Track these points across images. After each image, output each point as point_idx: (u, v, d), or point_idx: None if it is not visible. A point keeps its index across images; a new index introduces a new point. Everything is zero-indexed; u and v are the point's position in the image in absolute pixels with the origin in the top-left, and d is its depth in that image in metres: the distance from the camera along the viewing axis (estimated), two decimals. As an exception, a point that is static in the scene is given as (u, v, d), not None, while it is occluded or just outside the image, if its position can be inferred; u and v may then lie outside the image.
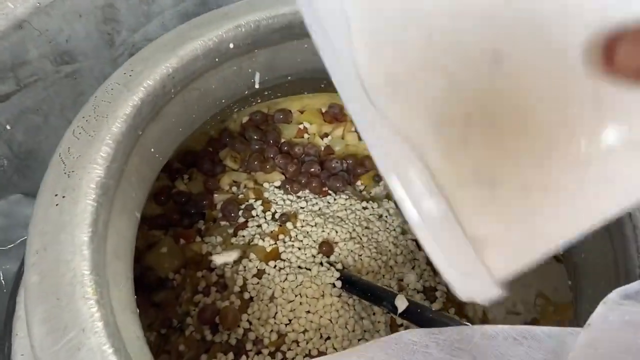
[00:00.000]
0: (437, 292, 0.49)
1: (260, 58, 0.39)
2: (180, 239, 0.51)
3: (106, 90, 0.33)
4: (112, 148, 0.31)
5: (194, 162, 0.59)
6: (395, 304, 0.39)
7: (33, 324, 0.26)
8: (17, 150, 0.55)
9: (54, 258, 0.28)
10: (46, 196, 0.30)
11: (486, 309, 0.51)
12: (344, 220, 0.52)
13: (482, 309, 0.51)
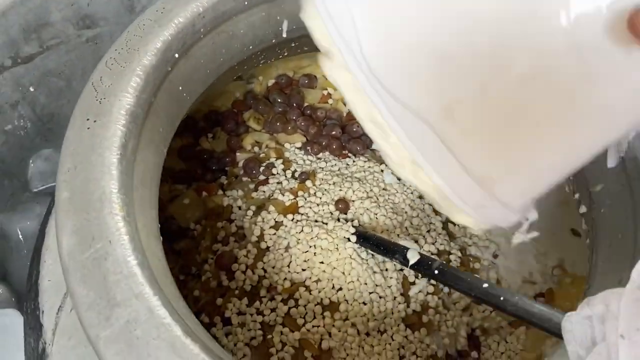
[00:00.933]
0: (452, 256, 0.50)
1: (288, 6, 0.40)
2: (203, 192, 0.53)
3: (138, 25, 0.34)
4: (142, 79, 0.32)
5: (218, 121, 0.60)
6: (406, 257, 0.40)
7: (63, 236, 0.28)
8: (40, 113, 0.57)
9: (84, 176, 0.29)
10: (79, 120, 0.31)
11: (500, 277, 0.51)
12: (362, 180, 0.52)
13: (495, 276, 0.51)
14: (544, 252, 0.52)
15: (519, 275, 0.51)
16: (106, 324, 0.26)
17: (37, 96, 0.55)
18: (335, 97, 0.63)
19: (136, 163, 0.32)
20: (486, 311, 0.47)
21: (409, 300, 0.46)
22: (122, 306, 0.26)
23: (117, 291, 0.26)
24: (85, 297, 0.26)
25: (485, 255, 0.51)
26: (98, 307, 0.26)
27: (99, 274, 0.26)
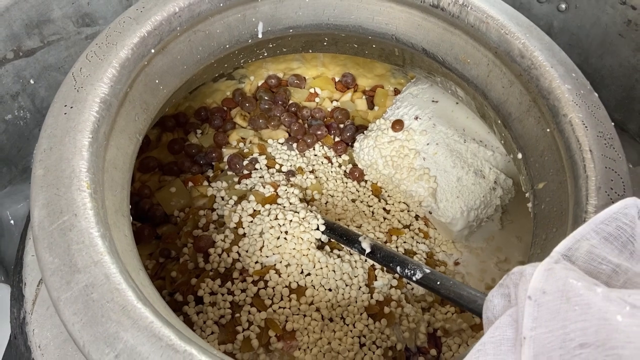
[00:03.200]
0: (417, 256, 0.52)
1: (264, 8, 0.43)
2: (189, 182, 0.56)
3: (119, 22, 0.37)
4: (117, 71, 0.35)
5: (207, 118, 0.64)
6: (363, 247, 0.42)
7: (34, 208, 0.31)
8: (40, 106, 0.61)
9: (57, 156, 0.32)
10: (57, 106, 0.34)
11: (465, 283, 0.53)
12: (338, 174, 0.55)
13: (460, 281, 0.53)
14: (504, 259, 0.54)
15: (482, 282, 0.53)
16: (67, 288, 0.28)
17: (37, 89, 0.59)
18: (321, 97, 0.66)
19: (108, 147, 0.35)
20: (448, 313, 0.49)
21: (373, 290, 0.48)
22: (82, 272, 0.29)
23: (79, 259, 0.29)
24: (50, 263, 0.29)
25: (450, 261, 0.53)
26: (61, 273, 0.29)
27: (63, 243, 0.29)
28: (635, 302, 0.23)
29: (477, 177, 0.53)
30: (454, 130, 0.55)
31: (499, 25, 0.39)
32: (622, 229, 0.30)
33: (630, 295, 0.23)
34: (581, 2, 0.59)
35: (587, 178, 0.33)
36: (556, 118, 0.36)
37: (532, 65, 0.38)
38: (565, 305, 0.24)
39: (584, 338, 0.23)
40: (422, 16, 0.43)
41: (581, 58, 0.63)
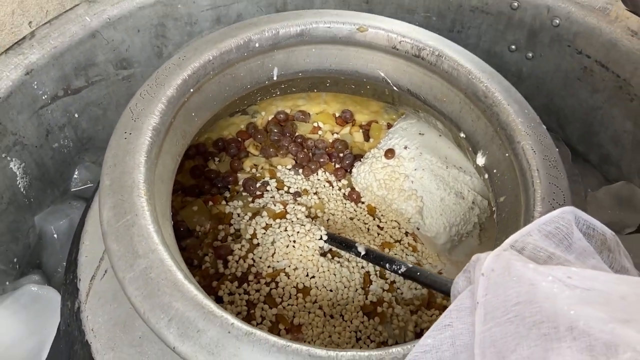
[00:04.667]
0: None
1: (278, 56, 0.53)
2: (209, 202, 0.64)
3: (165, 67, 0.47)
4: (165, 106, 0.45)
5: (224, 147, 0.73)
6: (358, 250, 0.51)
7: (104, 210, 0.39)
8: (81, 136, 0.70)
9: (120, 171, 0.41)
10: (118, 132, 0.43)
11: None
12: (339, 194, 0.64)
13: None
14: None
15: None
16: (130, 269, 0.37)
17: (79, 122, 0.68)
18: (324, 130, 0.75)
19: (158, 165, 0.44)
20: (434, 316, 0.57)
21: (367, 292, 0.56)
22: (142, 257, 0.37)
23: (139, 247, 0.37)
24: (117, 251, 0.38)
25: (434, 271, 0.62)
26: (125, 258, 0.37)
27: (127, 236, 0.38)
28: (555, 274, 0.32)
29: (457, 198, 0.62)
30: (438, 158, 0.64)
31: (467, 72, 0.49)
32: (559, 229, 0.39)
33: (553, 269, 0.32)
34: (545, 51, 0.69)
35: (535, 191, 0.42)
36: (512, 145, 0.46)
37: (493, 103, 0.48)
38: (507, 277, 0.33)
39: (518, 298, 0.31)
40: (407, 63, 0.53)
41: (547, 99, 0.73)
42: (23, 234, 0.63)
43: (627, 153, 0.65)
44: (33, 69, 0.59)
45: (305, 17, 0.53)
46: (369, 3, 0.75)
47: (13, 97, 0.58)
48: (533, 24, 0.67)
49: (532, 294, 0.31)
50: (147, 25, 0.68)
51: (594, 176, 0.70)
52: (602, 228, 0.39)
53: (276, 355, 0.34)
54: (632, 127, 0.63)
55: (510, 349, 0.30)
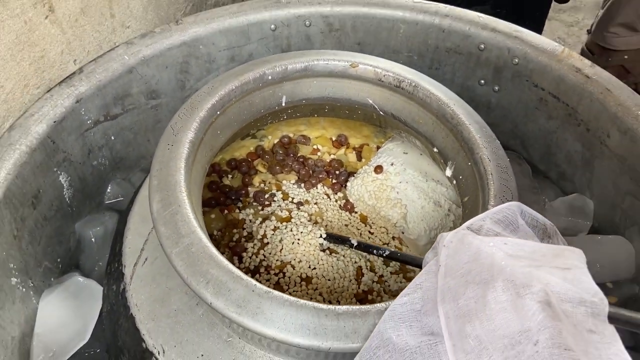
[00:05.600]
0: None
1: (286, 87, 0.65)
2: (225, 210, 0.76)
3: (198, 94, 0.59)
4: (198, 124, 0.57)
5: (236, 166, 0.85)
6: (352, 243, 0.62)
7: (153, 203, 0.51)
8: (115, 156, 0.82)
9: (165, 173, 0.52)
10: (162, 145, 0.55)
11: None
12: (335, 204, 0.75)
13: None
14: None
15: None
16: (176, 246, 0.48)
17: (115, 144, 0.80)
18: (322, 151, 0.87)
19: (192, 170, 0.55)
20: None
21: (360, 283, 0.67)
22: (185, 237, 0.48)
23: (182, 229, 0.49)
24: (165, 233, 0.49)
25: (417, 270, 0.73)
26: (172, 237, 0.48)
27: (172, 221, 0.49)
28: (495, 242, 0.43)
29: (435, 206, 0.74)
30: (419, 173, 0.76)
31: (437, 99, 0.61)
32: (507, 217, 0.50)
33: (494, 239, 0.43)
34: (508, 85, 0.82)
35: (489, 190, 0.54)
36: (473, 155, 0.58)
37: (458, 123, 0.60)
38: (461, 246, 0.44)
39: (468, 259, 0.43)
40: (390, 93, 0.66)
41: (513, 125, 0.86)
42: (66, 238, 0.73)
43: (578, 170, 0.78)
44: (81, 98, 0.71)
45: (309, 55, 0.65)
46: (360, 45, 0.89)
47: (65, 121, 0.69)
48: (497, 62, 0.81)
49: (477, 255, 0.42)
50: (173, 63, 0.81)
51: (552, 190, 0.81)
52: (544, 220, 0.51)
53: (288, 308, 0.45)
54: (581, 148, 0.76)
55: (461, 292, 0.41)
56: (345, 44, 0.88)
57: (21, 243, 0.64)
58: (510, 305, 0.38)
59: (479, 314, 0.39)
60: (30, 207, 0.65)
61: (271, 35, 0.86)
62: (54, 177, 0.70)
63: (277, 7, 0.84)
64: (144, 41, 0.77)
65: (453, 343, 0.40)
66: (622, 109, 0.68)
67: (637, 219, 0.69)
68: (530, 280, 0.38)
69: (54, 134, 0.68)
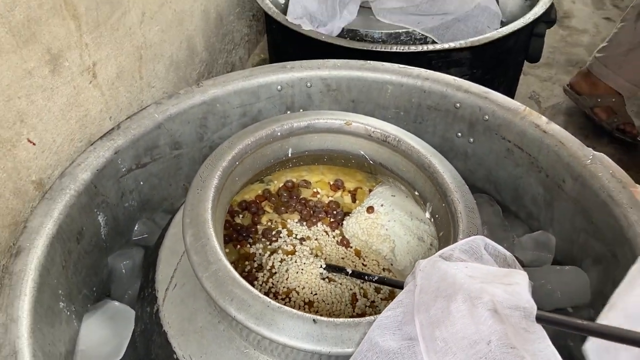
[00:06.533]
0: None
1: (292, 141, 0.78)
2: (237, 245, 0.88)
3: (221, 148, 0.72)
4: (221, 172, 0.69)
5: (246, 207, 0.97)
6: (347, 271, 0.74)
7: (187, 237, 0.63)
8: (142, 198, 0.95)
9: (195, 213, 0.65)
10: (193, 189, 0.67)
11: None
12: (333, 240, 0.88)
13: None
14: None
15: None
16: (206, 271, 0.60)
17: (143, 188, 0.93)
18: (321, 194, 1.00)
19: (216, 211, 0.68)
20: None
21: (355, 307, 0.78)
22: (213, 264, 0.60)
23: (211, 258, 0.60)
24: (197, 260, 0.60)
25: None
26: (202, 264, 0.60)
27: (203, 251, 0.61)
28: (459, 266, 0.55)
29: (419, 241, 0.86)
30: (405, 212, 0.88)
31: (417, 151, 0.75)
32: (472, 248, 0.62)
33: (458, 264, 0.55)
34: (481, 138, 0.96)
35: (459, 227, 0.66)
36: (446, 198, 0.70)
37: (434, 171, 0.73)
38: (433, 269, 0.56)
39: (438, 279, 0.54)
40: (379, 145, 0.79)
41: (487, 171, 0.99)
42: (100, 270, 0.85)
43: (542, 210, 0.90)
44: (119, 150, 0.84)
45: (311, 115, 0.79)
46: (354, 102, 1.03)
47: (105, 169, 0.82)
48: (471, 118, 0.95)
49: (444, 275, 0.54)
50: (194, 119, 0.94)
51: (521, 227, 0.94)
52: (504, 251, 0.63)
53: (296, 320, 0.56)
54: (543, 191, 0.89)
55: (432, 305, 0.53)
56: (341, 102, 1.03)
57: (67, 273, 0.75)
58: (468, 313, 0.50)
59: (445, 321, 0.51)
60: (75, 242, 0.77)
61: (277, 95, 1.00)
62: (94, 217, 0.82)
63: (282, 71, 0.98)
64: (170, 101, 0.91)
65: (426, 345, 0.52)
66: (573, 159, 0.81)
67: (590, 252, 0.81)
68: (481, 293, 0.50)
69: (96, 180, 0.81)
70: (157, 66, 1.06)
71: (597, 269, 0.79)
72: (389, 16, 1.19)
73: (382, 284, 0.70)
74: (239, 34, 1.56)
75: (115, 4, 0.89)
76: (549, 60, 1.77)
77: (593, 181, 0.77)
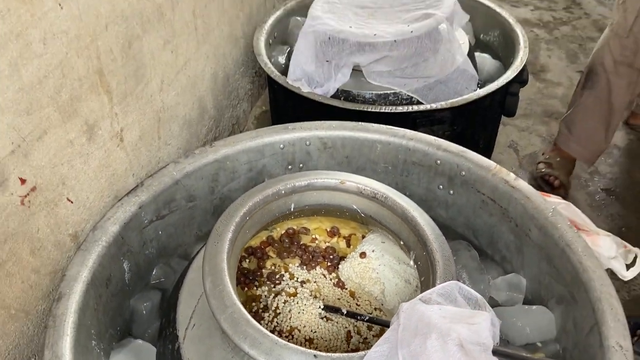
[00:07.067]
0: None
1: (294, 197, 0.91)
2: (245, 288, 0.99)
3: (234, 205, 0.84)
4: (235, 226, 0.82)
5: (252, 252, 1.09)
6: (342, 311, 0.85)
7: (206, 283, 0.74)
8: (160, 246, 1.07)
9: (214, 263, 0.76)
10: (211, 242, 0.79)
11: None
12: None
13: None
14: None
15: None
16: (223, 313, 0.71)
17: (161, 237, 1.05)
18: (319, 240, 1.12)
19: (231, 259, 0.80)
20: None
21: (349, 343, 0.89)
22: (229, 307, 0.71)
23: (227, 302, 0.72)
24: (215, 304, 0.72)
25: None
26: (220, 307, 0.71)
27: (220, 296, 0.73)
28: (434, 308, 0.66)
29: (406, 284, 0.97)
30: (394, 257, 1.00)
31: (401, 207, 0.87)
32: (447, 292, 0.74)
33: (434, 306, 0.67)
34: (459, 190, 1.09)
35: (437, 273, 0.78)
36: (426, 247, 0.82)
37: (416, 224, 0.85)
38: (413, 311, 0.67)
39: (416, 319, 0.66)
40: (369, 201, 0.92)
41: (466, 219, 1.11)
42: (124, 311, 0.96)
43: (514, 255, 1.02)
44: (142, 205, 0.97)
45: (310, 175, 0.92)
46: (348, 158, 1.16)
47: (131, 222, 0.94)
48: (450, 173, 1.08)
49: (422, 316, 0.66)
50: (207, 175, 1.07)
51: (496, 270, 1.05)
52: (476, 294, 0.75)
53: (300, 355, 0.68)
54: (514, 238, 1.01)
55: (412, 341, 0.64)
56: (337, 158, 1.16)
57: (98, 314, 0.86)
58: (440, 348, 0.61)
59: (422, 355, 0.62)
60: (105, 287, 0.89)
61: (280, 152, 1.13)
62: (120, 264, 0.93)
63: (285, 132, 1.12)
64: (187, 160, 1.04)
65: (407, 375, 0.63)
66: (537, 212, 0.94)
67: (554, 293, 0.93)
68: (450, 332, 0.61)
69: (123, 232, 0.93)
70: (173, 126, 1.20)
71: (560, 308, 0.90)
72: (378, 79, 1.33)
73: (372, 323, 0.81)
74: (243, 90, 1.71)
75: (139, 77, 1.02)
76: (527, 111, 1.92)
77: (554, 231, 0.90)
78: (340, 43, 1.30)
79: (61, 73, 0.80)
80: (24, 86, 0.73)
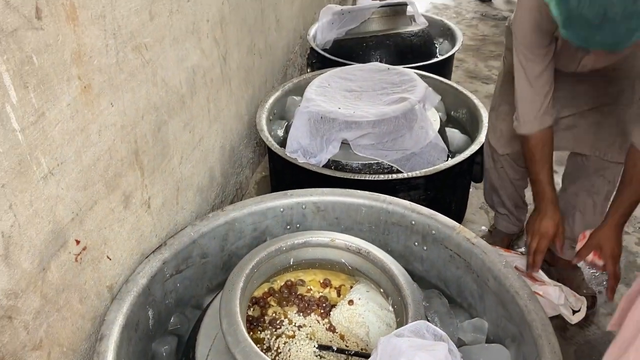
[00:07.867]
0: None
1: (293, 253, 1.11)
2: (250, 332, 1.16)
3: (244, 260, 1.04)
4: (245, 277, 1.01)
5: (256, 302, 1.27)
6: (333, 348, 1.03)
7: (223, 324, 0.92)
8: (177, 296, 1.25)
9: (229, 308, 0.95)
10: (226, 291, 0.98)
11: None
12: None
13: None
14: None
15: None
16: (237, 347, 0.89)
17: (179, 288, 1.23)
18: (314, 290, 1.30)
19: (241, 304, 0.98)
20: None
21: (340, 376, 1.06)
22: (242, 342, 0.89)
23: (240, 339, 0.90)
24: (231, 340, 0.90)
25: None
26: (234, 343, 0.89)
27: (235, 334, 0.91)
28: (403, 340, 0.85)
29: (387, 327, 1.16)
30: (377, 304, 1.19)
31: (381, 260, 1.07)
32: (417, 329, 0.93)
33: (403, 338, 0.85)
34: (431, 247, 1.29)
35: (409, 313, 0.97)
36: (401, 293, 1.02)
37: (392, 274, 1.05)
38: (388, 344, 0.85)
39: (390, 349, 0.84)
40: (355, 255, 1.12)
41: (438, 271, 1.31)
42: (147, 353, 1.13)
43: (477, 302, 1.21)
44: (165, 261, 1.16)
45: (306, 235, 1.12)
46: (337, 219, 1.37)
47: (156, 276, 1.13)
48: (423, 232, 1.28)
49: (394, 347, 0.84)
50: (218, 235, 1.27)
51: (464, 315, 1.24)
52: (439, 331, 0.94)
53: (299, 379, 0.85)
54: (477, 287, 1.20)
55: (386, 366, 0.82)
56: (328, 219, 1.36)
57: (129, 354, 1.03)
58: (407, 369, 0.80)
59: (394, 375, 0.81)
60: (134, 331, 1.06)
61: (280, 214, 1.34)
62: (146, 312, 1.11)
63: (284, 197, 1.33)
64: (202, 223, 1.24)
65: (384, 393, 0.81)
66: (492, 264, 1.14)
67: (508, 333, 1.11)
68: (415, 356, 0.80)
69: (150, 284, 1.11)
70: (188, 193, 1.41)
71: (514, 345, 1.09)
72: (363, 151, 1.56)
73: (357, 356, 0.99)
74: (246, 159, 1.94)
75: (165, 154, 1.24)
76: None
77: (505, 281, 1.10)
78: (331, 121, 1.54)
79: (109, 156, 1.01)
80: (84, 168, 0.94)
